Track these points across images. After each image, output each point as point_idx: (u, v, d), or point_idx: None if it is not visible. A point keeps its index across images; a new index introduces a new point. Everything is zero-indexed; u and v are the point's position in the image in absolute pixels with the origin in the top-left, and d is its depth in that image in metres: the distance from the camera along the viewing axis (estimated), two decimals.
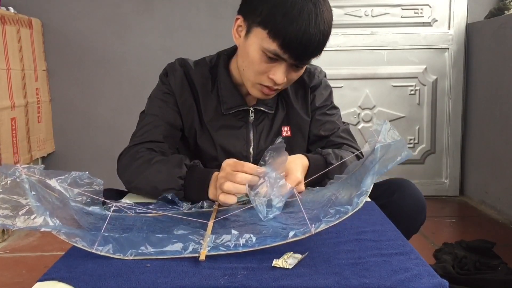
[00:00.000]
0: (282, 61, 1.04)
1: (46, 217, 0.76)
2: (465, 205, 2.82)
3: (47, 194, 0.86)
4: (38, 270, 1.90)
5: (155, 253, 0.77)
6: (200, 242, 0.79)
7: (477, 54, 2.82)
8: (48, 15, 2.78)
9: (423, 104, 2.93)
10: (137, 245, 0.78)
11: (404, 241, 0.84)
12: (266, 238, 0.78)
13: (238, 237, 0.78)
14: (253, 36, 1.05)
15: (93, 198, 0.95)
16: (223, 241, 0.78)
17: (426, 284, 0.68)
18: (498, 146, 2.57)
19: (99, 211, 0.96)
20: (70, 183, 0.93)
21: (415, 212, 1.14)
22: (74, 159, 2.88)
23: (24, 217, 0.75)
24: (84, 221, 0.87)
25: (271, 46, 1.01)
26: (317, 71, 1.29)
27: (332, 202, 0.87)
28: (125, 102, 2.84)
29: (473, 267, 1.77)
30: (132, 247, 0.78)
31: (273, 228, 0.83)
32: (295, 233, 0.77)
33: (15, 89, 2.43)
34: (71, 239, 0.78)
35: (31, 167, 0.85)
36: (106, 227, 0.85)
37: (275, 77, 1.05)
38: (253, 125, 1.23)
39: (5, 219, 0.74)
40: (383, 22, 2.87)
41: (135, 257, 0.77)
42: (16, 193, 0.78)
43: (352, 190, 0.82)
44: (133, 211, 0.99)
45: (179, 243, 0.79)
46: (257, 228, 0.85)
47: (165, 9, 2.81)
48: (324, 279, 0.69)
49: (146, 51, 2.83)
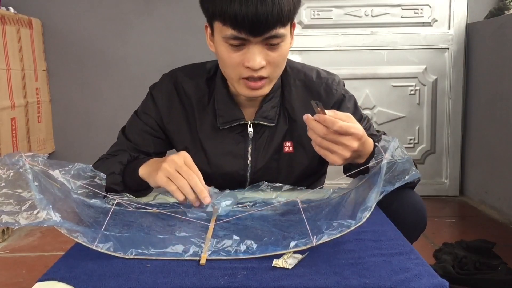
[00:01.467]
0: (247, 43, 1.01)
1: (49, 211, 0.75)
2: (465, 205, 2.82)
3: (50, 185, 0.86)
4: (38, 270, 1.89)
5: (155, 254, 0.77)
6: (201, 245, 0.79)
7: (477, 54, 2.81)
8: (48, 15, 2.78)
9: (423, 104, 2.93)
10: (138, 244, 0.78)
11: (404, 241, 0.84)
12: (268, 246, 0.78)
13: (239, 243, 0.78)
14: (216, 34, 1.05)
15: (95, 192, 0.95)
16: (224, 246, 0.78)
17: (426, 284, 0.68)
18: (498, 146, 2.57)
19: (99, 205, 0.96)
20: (73, 175, 0.93)
21: (415, 222, 1.09)
22: (74, 159, 2.84)
23: (27, 213, 0.75)
24: (85, 214, 0.87)
25: (227, 31, 1.00)
26: (335, 82, 1.20)
27: (335, 213, 0.87)
28: (125, 102, 2.83)
29: (473, 267, 1.77)
30: (133, 246, 0.78)
31: (274, 236, 0.83)
32: (296, 243, 0.77)
33: (15, 89, 2.43)
34: (72, 234, 0.78)
35: (36, 156, 0.85)
36: (107, 222, 0.85)
37: (250, 63, 1.01)
38: (252, 141, 1.16)
39: (8, 216, 0.74)
40: (383, 22, 2.87)
41: (136, 256, 0.77)
42: (18, 186, 0.78)
43: (356, 204, 0.82)
44: (133, 206, 0.99)
45: (180, 245, 0.78)
46: (258, 234, 0.85)
47: (165, 9, 2.81)
48: (324, 279, 0.69)
49: (146, 51, 2.83)
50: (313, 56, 2.83)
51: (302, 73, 1.20)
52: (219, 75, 1.17)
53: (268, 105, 1.15)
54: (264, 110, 1.15)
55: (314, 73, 1.21)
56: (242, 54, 1.02)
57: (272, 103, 1.16)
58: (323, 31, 2.84)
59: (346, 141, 0.91)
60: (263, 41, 1.01)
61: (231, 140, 1.16)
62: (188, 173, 0.94)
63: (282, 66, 1.09)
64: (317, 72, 1.22)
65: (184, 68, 1.23)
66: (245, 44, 1.01)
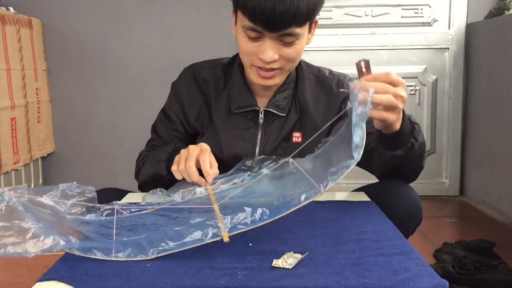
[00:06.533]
0: (264, 37, 1.05)
1: (54, 236, 0.75)
2: (465, 205, 2.82)
3: (41, 212, 0.83)
4: (38, 270, 1.89)
5: (176, 246, 0.77)
6: (218, 225, 0.79)
7: (477, 54, 2.81)
8: (48, 15, 2.78)
9: (423, 104, 2.93)
10: (157, 242, 0.78)
11: (404, 241, 0.84)
12: (280, 209, 0.79)
13: (253, 213, 0.79)
14: (238, 22, 1.09)
15: (88, 207, 0.92)
16: (239, 219, 0.79)
17: (426, 284, 0.68)
18: (498, 146, 2.57)
19: (95, 219, 0.92)
20: (61, 196, 0.89)
21: (410, 215, 1.10)
22: (74, 159, 2.88)
23: (33, 241, 0.73)
24: (86, 231, 0.86)
25: (246, 22, 1.04)
26: (346, 79, 1.24)
27: (329, 161, 0.88)
28: (125, 102, 2.83)
29: (473, 267, 1.77)
30: (152, 246, 0.77)
31: (282, 197, 0.83)
32: (305, 195, 0.78)
33: (15, 89, 2.43)
34: (86, 253, 0.77)
35: (17, 188, 0.82)
36: (115, 233, 0.84)
37: (263, 55, 1.06)
38: (263, 127, 1.20)
39: (15, 247, 0.72)
40: (383, 22, 2.87)
41: (158, 254, 0.77)
42: (15, 217, 0.76)
43: (345, 148, 0.83)
44: (127, 211, 0.96)
45: (198, 231, 0.79)
46: (265, 201, 0.85)
47: (165, 9, 2.81)
48: (324, 279, 0.69)
49: (146, 51, 2.83)
50: (313, 56, 2.83)
51: (316, 69, 1.27)
52: (237, 63, 1.22)
53: (281, 95, 1.20)
54: (277, 99, 1.20)
55: (327, 70, 1.28)
56: (257, 45, 1.06)
57: (285, 94, 1.20)
58: (323, 31, 2.84)
59: (400, 91, 0.91)
60: (278, 37, 1.04)
61: (242, 125, 1.21)
62: (190, 157, 1.00)
63: (296, 60, 1.13)
64: (330, 70, 1.29)
65: (202, 62, 1.29)
66: (261, 37, 1.05)
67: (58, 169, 2.86)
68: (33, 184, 2.66)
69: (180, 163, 1.02)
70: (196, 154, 1.01)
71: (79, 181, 0.95)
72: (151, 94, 2.76)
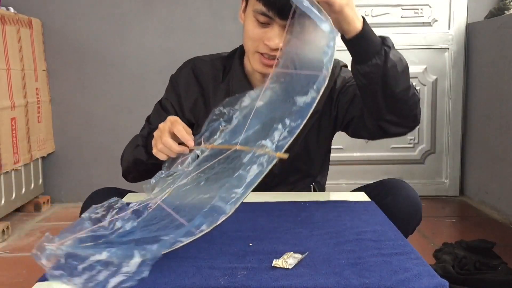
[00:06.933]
0: (273, 23, 1.05)
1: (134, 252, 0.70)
2: (465, 205, 2.82)
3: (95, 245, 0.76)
4: (38, 270, 1.90)
5: (245, 190, 0.76)
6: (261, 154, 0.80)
7: (477, 54, 2.81)
8: (48, 15, 2.78)
9: (423, 104, 2.92)
10: (228, 196, 0.76)
11: (404, 241, 0.84)
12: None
13: (285, 127, 0.82)
14: (248, 7, 1.09)
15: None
16: (275, 138, 0.81)
17: (426, 284, 0.68)
18: (498, 146, 2.57)
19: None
20: (94, 222, 0.82)
21: (410, 214, 1.11)
22: (74, 159, 2.87)
23: (125, 266, 0.69)
24: (147, 234, 0.79)
25: (258, 6, 1.04)
26: (339, 64, 1.24)
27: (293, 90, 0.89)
28: (125, 102, 2.83)
29: (473, 267, 1.77)
30: (226, 202, 0.75)
31: (269, 120, 0.86)
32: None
33: (15, 89, 2.43)
34: (173, 247, 0.73)
35: (49, 238, 0.76)
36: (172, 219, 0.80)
37: (270, 42, 1.05)
38: None
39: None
40: (383, 22, 2.86)
41: (235, 206, 0.75)
42: (81, 258, 0.71)
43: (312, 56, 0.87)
44: (154, 202, 0.89)
45: (253, 166, 0.78)
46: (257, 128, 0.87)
47: (165, 9, 2.81)
48: (324, 279, 0.69)
49: (146, 51, 2.83)
50: None
51: None
52: (237, 55, 1.24)
53: None
54: None
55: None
56: (265, 32, 1.06)
57: None
58: None
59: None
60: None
61: None
62: (163, 133, 1.00)
63: None
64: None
65: (202, 55, 1.31)
66: (270, 23, 1.05)
67: (58, 169, 2.86)
68: (33, 184, 2.66)
69: (157, 143, 1.01)
70: (168, 127, 1.00)
71: (79, 181, 0.94)
72: (151, 94, 2.75)
